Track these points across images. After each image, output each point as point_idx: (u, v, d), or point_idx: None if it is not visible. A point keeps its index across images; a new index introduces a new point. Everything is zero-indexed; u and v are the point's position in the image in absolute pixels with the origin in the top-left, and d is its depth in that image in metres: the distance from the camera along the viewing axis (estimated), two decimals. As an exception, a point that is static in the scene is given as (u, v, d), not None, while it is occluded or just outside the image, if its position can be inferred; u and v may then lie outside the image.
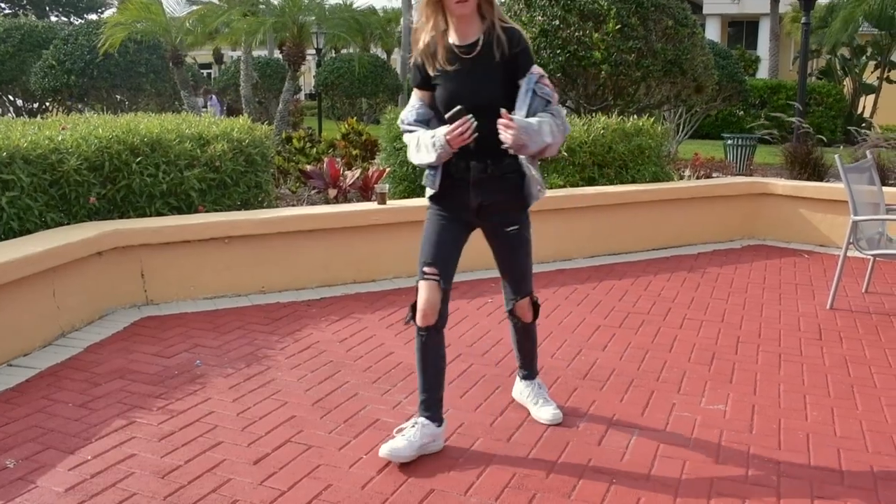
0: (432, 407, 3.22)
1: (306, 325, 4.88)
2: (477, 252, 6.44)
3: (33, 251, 4.36)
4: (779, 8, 24.30)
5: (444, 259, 3.17)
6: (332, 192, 6.88)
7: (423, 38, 3.10)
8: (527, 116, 3.03)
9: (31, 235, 4.81)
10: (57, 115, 10.41)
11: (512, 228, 3.21)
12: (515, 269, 3.31)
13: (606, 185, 7.36)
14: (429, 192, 3.24)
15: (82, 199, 5.35)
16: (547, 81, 3.09)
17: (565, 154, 7.21)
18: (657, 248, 7.18)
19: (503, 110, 2.98)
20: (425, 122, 3.21)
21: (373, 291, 5.66)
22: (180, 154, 5.76)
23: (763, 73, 27.04)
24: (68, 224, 5.24)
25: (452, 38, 3.11)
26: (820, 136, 10.58)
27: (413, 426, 3.19)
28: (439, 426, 3.23)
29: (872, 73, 22.57)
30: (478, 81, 3.07)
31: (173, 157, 5.72)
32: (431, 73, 3.13)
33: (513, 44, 3.06)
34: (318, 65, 23.74)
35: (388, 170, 7.45)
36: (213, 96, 20.94)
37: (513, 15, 9.40)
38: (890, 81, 22.18)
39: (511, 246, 3.26)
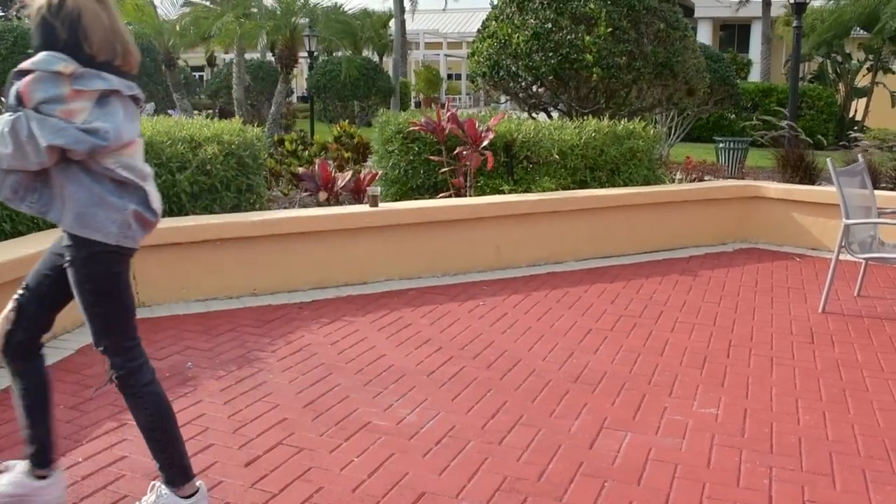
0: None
1: (298, 328, 4.87)
2: (472, 253, 6.46)
3: (26, 253, 4.34)
4: (770, 11, 24.38)
5: (36, 298, 2.64)
6: (323, 195, 6.87)
7: None
8: None
9: (24, 237, 4.79)
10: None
11: (64, 262, 2.53)
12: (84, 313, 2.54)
13: (598, 188, 7.37)
14: None
15: (73, 201, 5.32)
16: (24, 82, 2.35)
17: (557, 157, 7.22)
18: (649, 251, 7.19)
19: None
20: None
21: (364, 294, 5.65)
22: (172, 156, 5.74)
23: (755, 76, 27.09)
24: (59, 226, 5.22)
25: None
26: (809, 139, 10.59)
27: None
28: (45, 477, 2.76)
29: (864, 76, 22.64)
30: None
31: (165, 159, 5.71)
32: None
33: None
34: (311, 67, 23.71)
35: (380, 172, 7.45)
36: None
37: (505, 18, 9.40)
38: (882, 84, 22.26)
39: (71, 281, 2.54)
